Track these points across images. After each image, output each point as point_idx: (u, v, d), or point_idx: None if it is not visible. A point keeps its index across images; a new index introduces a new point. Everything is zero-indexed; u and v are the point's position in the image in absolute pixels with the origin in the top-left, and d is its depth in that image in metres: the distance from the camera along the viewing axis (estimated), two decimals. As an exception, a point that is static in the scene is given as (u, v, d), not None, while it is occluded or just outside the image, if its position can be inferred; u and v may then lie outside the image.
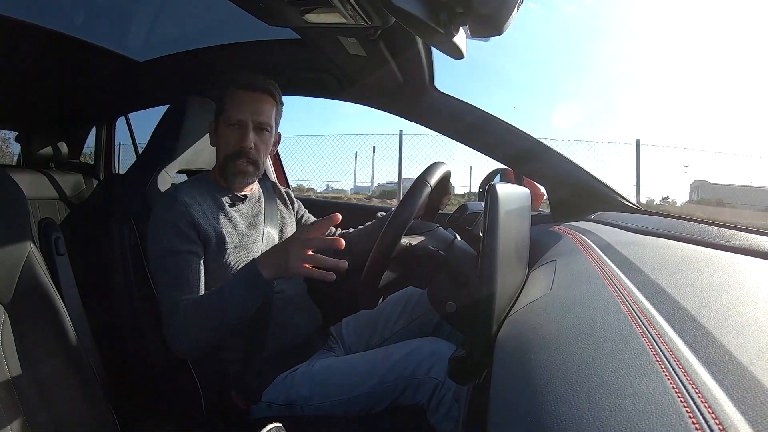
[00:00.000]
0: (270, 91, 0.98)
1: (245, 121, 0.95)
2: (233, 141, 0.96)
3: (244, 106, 0.95)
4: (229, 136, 0.96)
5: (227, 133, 0.96)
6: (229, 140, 0.96)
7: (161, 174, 1.16)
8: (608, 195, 1.09)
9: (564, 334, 0.37)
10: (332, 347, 1.05)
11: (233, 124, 0.96)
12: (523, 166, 1.16)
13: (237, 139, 0.96)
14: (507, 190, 0.59)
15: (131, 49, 1.37)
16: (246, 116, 0.95)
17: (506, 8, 0.55)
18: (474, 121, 1.16)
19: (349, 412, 0.88)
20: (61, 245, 1.20)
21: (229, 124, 0.96)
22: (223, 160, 0.98)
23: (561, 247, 0.77)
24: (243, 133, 0.95)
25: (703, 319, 0.32)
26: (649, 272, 0.45)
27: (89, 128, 1.79)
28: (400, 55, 1.02)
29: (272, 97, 0.99)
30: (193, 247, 0.90)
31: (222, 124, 0.97)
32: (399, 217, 0.69)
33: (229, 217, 0.98)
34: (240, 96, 0.95)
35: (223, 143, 0.97)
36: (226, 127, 0.96)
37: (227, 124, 0.96)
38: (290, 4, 0.76)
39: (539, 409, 0.29)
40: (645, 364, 0.28)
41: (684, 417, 0.23)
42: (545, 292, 0.52)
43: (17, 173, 1.34)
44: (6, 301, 0.71)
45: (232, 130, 0.96)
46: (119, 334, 1.10)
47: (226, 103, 0.96)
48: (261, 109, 0.96)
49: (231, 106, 0.96)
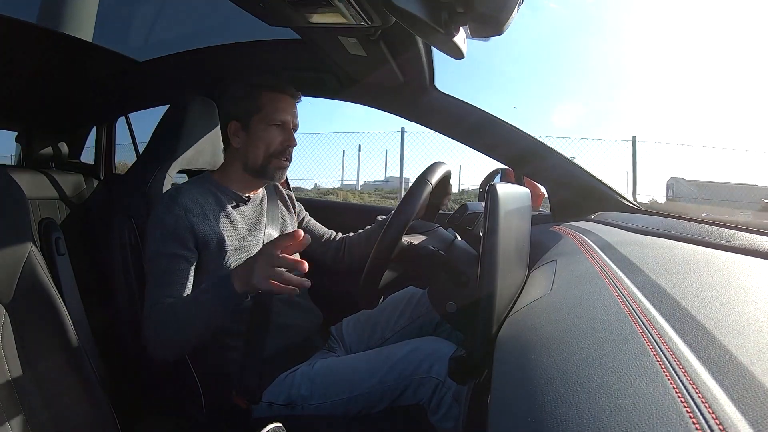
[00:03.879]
0: (298, 96, 1.04)
1: (288, 122, 1.00)
2: (278, 140, 0.99)
3: (287, 109, 1.00)
4: (273, 136, 0.99)
5: (270, 133, 0.99)
6: (273, 138, 0.99)
7: (162, 174, 1.16)
8: (608, 195, 1.09)
9: (564, 334, 0.37)
10: (333, 347, 1.05)
11: (277, 124, 0.99)
12: (524, 166, 1.16)
13: (282, 138, 1.00)
14: (507, 190, 0.59)
15: (131, 49, 1.37)
16: (289, 118, 1.00)
17: (506, 8, 0.55)
18: (474, 121, 1.16)
19: (350, 411, 0.88)
20: (61, 245, 1.20)
21: (272, 124, 0.99)
22: (264, 157, 0.99)
23: (561, 247, 0.77)
24: (288, 133, 1.00)
25: (704, 319, 0.32)
26: (650, 272, 0.45)
27: (89, 128, 1.79)
28: (401, 55, 1.02)
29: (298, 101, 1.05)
30: (185, 253, 0.90)
31: (260, 124, 0.99)
32: (399, 216, 0.69)
33: (231, 218, 0.98)
34: (280, 98, 1.00)
35: (265, 142, 0.99)
36: (267, 127, 0.99)
37: (269, 124, 0.99)
38: (290, 4, 0.76)
39: (539, 409, 0.29)
40: (645, 364, 0.28)
41: (684, 417, 0.23)
42: (545, 292, 0.52)
43: (17, 173, 1.34)
44: (6, 301, 0.71)
45: (276, 130, 0.99)
46: (120, 334, 1.10)
47: (265, 105, 0.98)
48: (296, 112, 1.03)
49: (272, 107, 0.98)
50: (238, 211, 1.01)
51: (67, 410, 0.70)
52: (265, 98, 0.98)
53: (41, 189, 1.38)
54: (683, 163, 6.97)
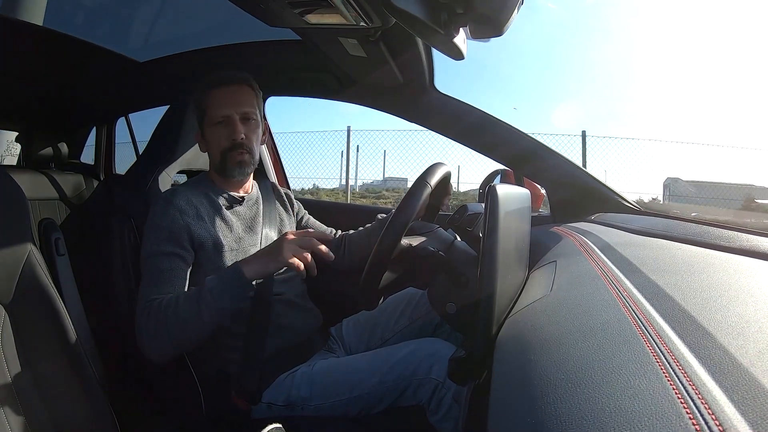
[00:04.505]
0: (246, 80, 0.99)
1: (230, 115, 0.96)
2: (224, 137, 0.96)
3: (225, 101, 0.96)
4: (218, 135, 0.97)
5: (216, 132, 0.97)
6: (219, 138, 0.97)
7: (161, 174, 1.17)
8: (608, 196, 1.09)
9: (564, 335, 0.37)
10: (332, 348, 1.05)
11: (219, 122, 0.96)
12: (523, 166, 1.16)
13: (227, 133, 0.96)
14: (507, 191, 0.59)
15: (132, 50, 1.37)
16: (229, 110, 0.96)
17: (506, 9, 0.55)
18: (474, 121, 1.16)
19: (350, 412, 0.88)
20: (61, 246, 1.20)
21: (215, 123, 0.96)
22: (220, 157, 0.98)
23: (561, 247, 0.77)
24: (232, 126, 0.96)
25: (703, 320, 0.32)
26: (649, 273, 0.45)
27: (89, 128, 1.79)
28: (401, 55, 1.02)
29: (249, 86, 0.99)
30: (181, 252, 0.90)
31: (208, 127, 0.97)
32: (399, 217, 0.69)
33: (226, 219, 0.98)
34: (217, 94, 0.96)
35: (215, 143, 0.97)
36: (213, 127, 0.97)
37: (213, 124, 0.96)
38: (290, 4, 0.76)
39: (539, 410, 0.29)
40: (645, 365, 0.28)
41: (684, 418, 0.23)
42: (545, 292, 0.52)
43: (17, 174, 1.34)
44: (6, 302, 0.71)
45: (220, 128, 0.96)
46: (119, 334, 1.10)
47: (207, 106, 0.97)
48: (242, 100, 0.97)
49: (212, 106, 0.96)
50: (233, 211, 1.00)
51: (67, 410, 0.70)
52: (208, 99, 0.97)
53: (41, 189, 1.38)
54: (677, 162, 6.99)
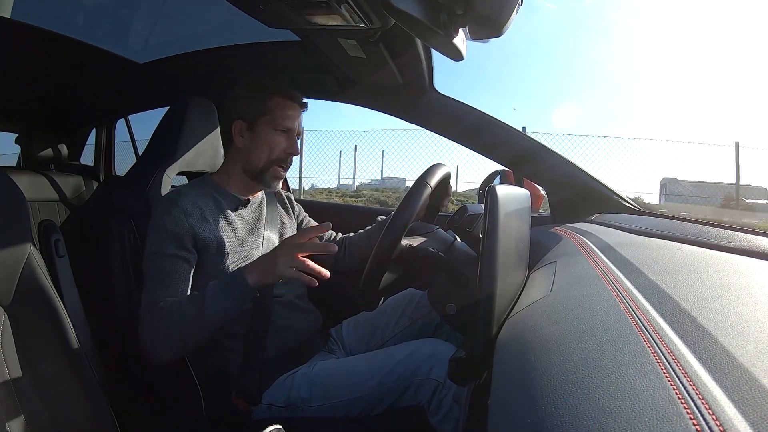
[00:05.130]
0: (305, 106, 1.04)
1: (294, 129, 1.00)
2: (282, 147, 0.99)
3: (294, 116, 1.00)
4: (277, 141, 0.99)
5: (275, 138, 0.98)
6: (276, 144, 0.99)
7: (161, 175, 1.16)
8: (608, 196, 1.10)
9: (564, 336, 0.37)
10: (332, 349, 1.05)
11: (284, 130, 0.99)
12: (523, 167, 1.16)
13: (286, 145, 0.99)
14: (507, 192, 0.59)
15: (131, 51, 1.37)
16: (295, 126, 1.00)
17: (506, 9, 0.55)
18: (473, 122, 1.17)
19: (350, 413, 0.88)
20: (61, 247, 1.20)
21: (279, 129, 0.98)
22: (265, 162, 0.99)
23: (561, 248, 0.77)
24: (292, 140, 1.00)
25: (703, 320, 0.32)
26: (649, 273, 0.45)
27: (89, 130, 1.79)
28: (400, 56, 1.02)
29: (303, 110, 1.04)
30: (185, 254, 0.90)
31: (266, 126, 0.98)
32: (399, 218, 0.69)
33: (230, 222, 0.98)
34: (289, 105, 0.99)
35: (268, 146, 0.99)
36: (273, 131, 0.98)
37: (275, 129, 0.98)
38: (290, 6, 0.76)
39: (539, 410, 0.29)
40: (645, 365, 0.28)
41: (684, 418, 0.23)
42: (545, 293, 0.52)
43: (17, 175, 1.34)
44: (6, 303, 0.71)
45: (281, 135, 0.99)
46: (119, 336, 1.09)
47: (274, 109, 0.98)
48: (300, 122, 1.02)
49: (281, 113, 0.98)
50: (238, 214, 1.00)
51: (67, 412, 0.70)
52: (273, 102, 0.98)
53: (41, 191, 1.38)
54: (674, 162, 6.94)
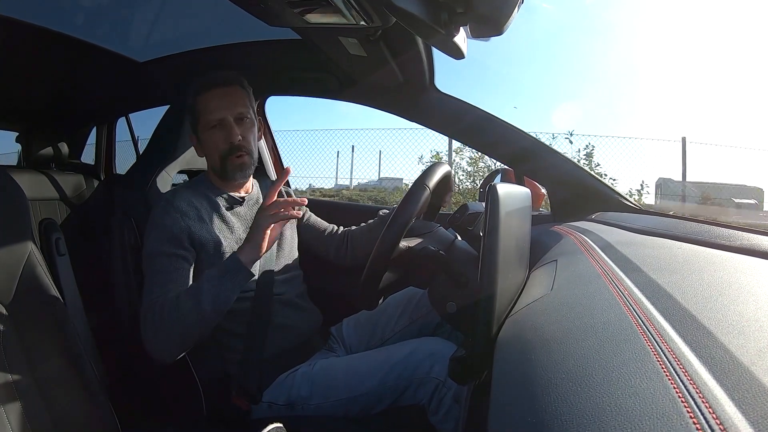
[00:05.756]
0: (236, 80, 0.98)
1: (224, 117, 0.95)
2: (221, 140, 0.96)
3: (218, 104, 0.95)
4: (215, 139, 0.96)
5: (212, 137, 0.96)
6: (216, 142, 0.96)
7: (161, 174, 1.17)
8: (609, 195, 1.09)
9: (565, 334, 0.37)
10: (333, 348, 1.05)
11: (214, 125, 0.96)
12: (524, 166, 1.16)
13: (224, 137, 0.96)
14: (507, 191, 0.59)
15: (132, 50, 1.37)
16: (223, 113, 0.95)
17: (506, 8, 0.55)
18: (474, 120, 1.16)
19: (350, 412, 0.88)
20: (61, 245, 1.20)
21: (210, 127, 0.96)
22: (219, 161, 0.97)
23: (562, 247, 0.77)
24: (227, 129, 0.96)
25: (704, 319, 0.32)
26: (650, 272, 0.45)
27: (90, 128, 1.79)
28: (401, 55, 1.02)
29: (240, 85, 0.99)
30: (183, 252, 0.90)
31: (203, 131, 0.97)
32: (400, 216, 0.69)
33: (227, 221, 0.98)
34: (209, 97, 0.96)
35: (212, 147, 0.97)
36: (208, 131, 0.96)
37: (208, 128, 0.96)
38: (290, 4, 0.76)
39: (540, 409, 0.29)
40: (646, 364, 0.28)
41: (685, 417, 0.23)
42: (546, 292, 0.52)
43: (18, 174, 1.34)
44: (7, 302, 0.71)
45: (216, 131, 0.96)
46: (120, 334, 1.10)
47: (199, 111, 0.96)
48: (234, 100, 0.96)
49: (205, 110, 0.96)
50: (234, 212, 1.00)
51: (68, 410, 0.70)
52: (198, 103, 0.96)
53: (41, 189, 1.38)
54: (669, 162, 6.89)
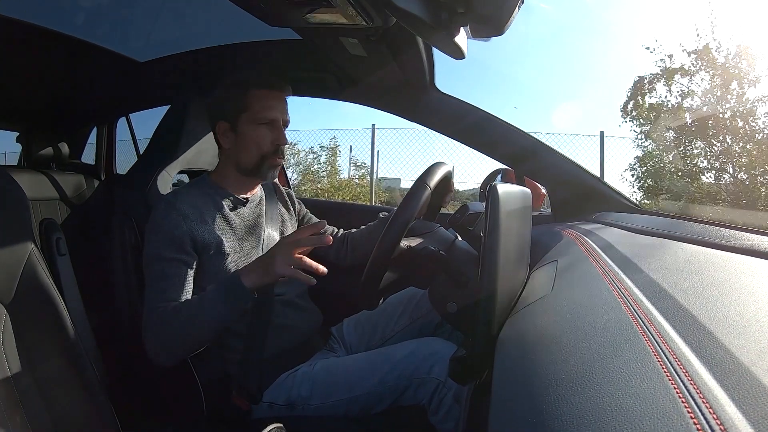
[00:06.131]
0: (289, 91, 1.01)
1: (277, 119, 0.97)
2: (268, 139, 0.97)
3: (274, 105, 0.97)
4: (262, 135, 0.97)
5: (259, 133, 0.97)
6: (263, 138, 0.97)
7: (162, 174, 1.17)
8: (609, 195, 1.09)
9: (565, 335, 0.37)
10: (333, 347, 1.05)
11: (266, 123, 0.96)
12: (524, 166, 1.16)
13: (273, 137, 0.97)
14: (508, 191, 0.59)
15: (132, 50, 1.37)
16: (277, 115, 0.97)
17: (507, 8, 0.55)
18: (475, 120, 1.16)
19: (350, 412, 0.88)
20: (62, 245, 1.20)
21: (261, 123, 0.96)
22: (258, 158, 0.98)
23: (562, 247, 0.77)
24: (278, 131, 0.98)
25: (705, 319, 0.32)
26: (651, 272, 0.45)
27: (90, 128, 1.79)
28: (401, 55, 1.02)
29: (288, 95, 1.01)
30: (184, 257, 0.90)
31: (248, 123, 0.97)
32: (400, 217, 0.69)
33: (230, 221, 0.97)
34: (268, 95, 0.97)
35: (255, 142, 0.97)
36: (257, 126, 0.96)
37: (256, 123, 0.96)
38: (291, 4, 0.76)
39: (540, 410, 0.29)
40: (646, 365, 0.28)
41: (685, 417, 0.23)
42: (546, 292, 0.52)
43: (18, 174, 1.34)
44: (7, 302, 0.71)
45: (264, 129, 0.97)
46: (120, 334, 1.10)
47: (250, 103, 0.96)
48: (285, 108, 0.99)
49: (260, 105, 0.96)
50: (237, 213, 1.00)
51: (68, 410, 0.70)
52: (252, 96, 0.96)
53: (42, 189, 1.38)
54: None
